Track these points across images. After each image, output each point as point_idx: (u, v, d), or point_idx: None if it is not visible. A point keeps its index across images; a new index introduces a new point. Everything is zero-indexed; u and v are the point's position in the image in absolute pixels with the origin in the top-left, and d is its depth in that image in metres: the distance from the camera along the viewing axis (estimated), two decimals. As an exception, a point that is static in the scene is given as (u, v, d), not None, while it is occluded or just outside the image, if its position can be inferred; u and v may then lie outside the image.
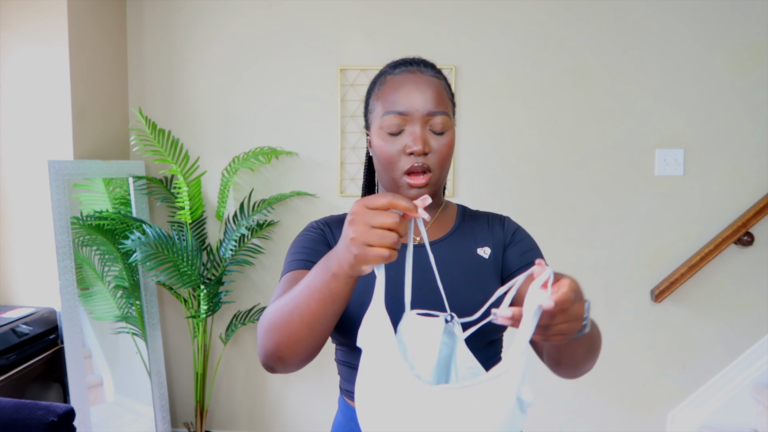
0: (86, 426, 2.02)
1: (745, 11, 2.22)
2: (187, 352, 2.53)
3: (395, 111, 0.90)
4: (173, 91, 2.46)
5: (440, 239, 0.97)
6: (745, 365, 2.30)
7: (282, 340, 0.78)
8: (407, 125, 0.90)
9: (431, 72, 0.94)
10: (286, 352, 0.78)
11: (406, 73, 0.93)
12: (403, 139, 0.90)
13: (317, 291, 0.74)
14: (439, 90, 0.93)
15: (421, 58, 0.97)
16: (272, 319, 0.79)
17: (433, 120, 0.90)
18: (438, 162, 0.91)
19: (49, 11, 2.10)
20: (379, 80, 0.96)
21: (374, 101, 0.96)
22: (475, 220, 1.02)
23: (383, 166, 0.93)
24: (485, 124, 2.35)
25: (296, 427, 2.54)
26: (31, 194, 2.14)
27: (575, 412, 2.42)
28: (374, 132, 0.94)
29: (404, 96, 0.90)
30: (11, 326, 1.94)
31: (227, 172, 2.31)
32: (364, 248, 0.66)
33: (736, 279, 2.29)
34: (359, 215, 0.67)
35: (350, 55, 2.37)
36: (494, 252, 0.97)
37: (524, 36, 2.32)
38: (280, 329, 0.77)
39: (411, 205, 0.67)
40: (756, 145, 2.25)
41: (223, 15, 2.41)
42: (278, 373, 0.84)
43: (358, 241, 0.66)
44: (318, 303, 0.74)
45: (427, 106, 0.90)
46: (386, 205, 0.66)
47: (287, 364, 0.80)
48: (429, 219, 0.69)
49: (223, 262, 2.30)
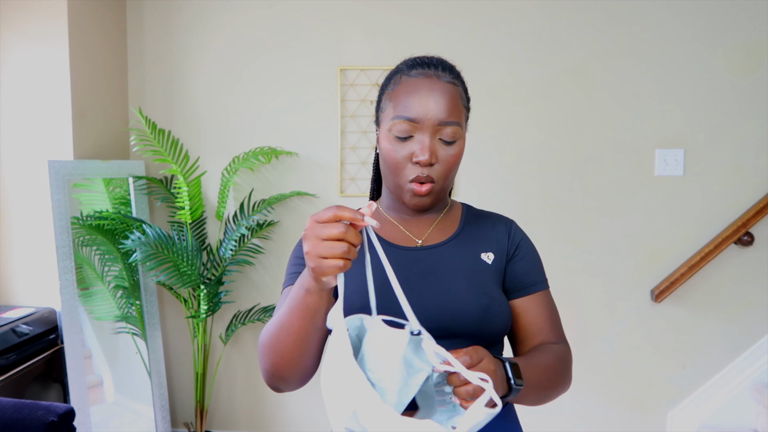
0: (86, 426, 2.02)
1: (745, 11, 2.22)
2: (187, 352, 2.53)
3: (406, 117, 0.88)
4: (173, 91, 2.46)
5: (444, 242, 0.96)
6: (745, 365, 2.30)
7: (276, 359, 0.81)
8: (417, 133, 0.89)
9: (448, 77, 0.91)
10: (283, 371, 0.81)
11: (422, 77, 0.90)
12: (412, 145, 0.89)
13: (296, 308, 0.76)
14: (454, 98, 0.90)
15: (441, 59, 0.94)
16: (264, 340, 0.83)
17: (444, 130, 0.88)
18: (443, 172, 0.90)
19: (49, 11, 2.10)
20: (394, 78, 0.94)
21: (386, 100, 0.94)
22: (479, 223, 1.00)
23: (389, 170, 0.92)
24: (485, 124, 2.35)
25: (296, 427, 2.54)
26: (31, 194, 2.14)
27: (575, 413, 2.42)
28: (383, 133, 0.92)
29: (417, 103, 0.88)
30: (11, 326, 1.94)
31: (227, 172, 2.31)
32: (319, 261, 0.69)
33: (736, 279, 2.29)
34: (310, 230, 0.70)
35: (350, 55, 2.37)
36: (497, 258, 0.96)
37: (524, 36, 2.32)
38: (273, 349, 0.81)
39: (356, 215, 0.69)
40: (756, 145, 2.25)
41: (223, 15, 2.41)
42: (285, 391, 0.86)
43: (312, 254, 0.69)
44: (299, 319, 0.76)
45: (439, 115, 0.87)
46: (332, 218, 0.69)
47: (288, 381, 0.83)
48: (377, 225, 0.71)
49: (223, 262, 2.30)
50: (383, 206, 1.01)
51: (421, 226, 0.98)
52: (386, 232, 0.97)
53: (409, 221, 0.98)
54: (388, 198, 1.00)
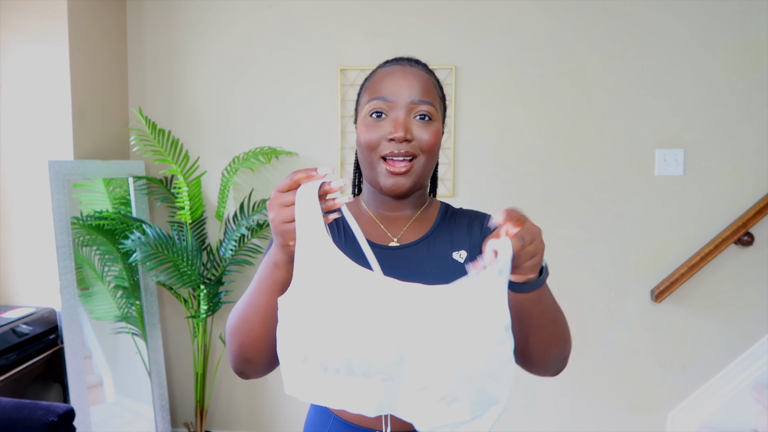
0: (86, 426, 2.02)
1: (745, 11, 2.22)
2: (187, 352, 2.53)
3: (379, 97, 0.88)
4: (173, 91, 2.46)
5: (416, 241, 0.93)
6: (745, 365, 2.30)
7: (243, 339, 0.80)
8: (391, 112, 0.88)
9: (421, 68, 0.93)
10: (250, 352, 0.80)
11: (396, 65, 0.92)
12: (386, 125, 0.88)
13: (263, 282, 0.77)
14: (428, 83, 0.90)
15: (415, 58, 0.96)
16: (232, 321, 0.82)
17: (419, 108, 0.88)
18: (422, 149, 0.88)
19: (49, 11, 2.10)
20: (369, 76, 0.96)
21: (363, 94, 0.95)
22: (454, 221, 0.97)
23: (363, 153, 0.90)
24: (485, 124, 2.35)
25: (296, 427, 2.54)
26: (32, 194, 2.14)
27: (575, 413, 2.42)
28: (360, 122, 0.92)
29: (390, 83, 0.89)
30: (11, 326, 1.94)
31: (227, 172, 2.31)
32: (283, 226, 0.71)
33: (736, 279, 2.29)
34: (273, 200, 0.72)
35: (350, 55, 2.37)
36: (471, 254, 0.92)
37: (524, 36, 2.32)
38: (240, 329, 0.80)
39: (309, 172, 0.70)
40: (756, 145, 2.25)
41: (223, 15, 2.41)
42: (250, 378, 0.85)
43: (276, 221, 0.71)
44: (266, 294, 0.77)
45: (413, 94, 0.88)
46: (291, 183, 0.70)
47: (255, 364, 0.82)
48: (332, 175, 0.71)
49: (223, 262, 2.29)
50: (364, 201, 0.99)
51: (398, 224, 0.96)
52: (364, 229, 0.94)
53: (388, 218, 0.96)
54: (368, 192, 0.98)
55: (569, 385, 2.39)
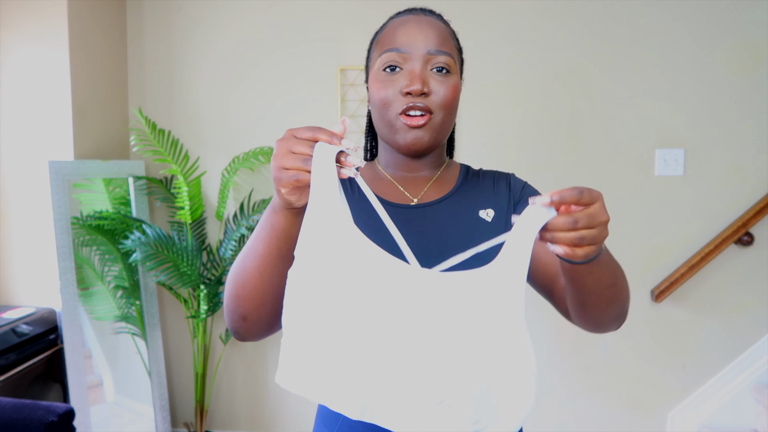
0: (86, 426, 2.02)
1: (745, 11, 2.22)
2: (187, 352, 2.53)
3: (393, 48, 0.83)
4: (173, 91, 2.46)
5: (439, 200, 0.89)
6: (745, 365, 2.30)
7: (238, 291, 0.76)
8: (406, 64, 0.82)
9: (437, 18, 0.87)
10: (246, 307, 0.76)
11: (410, 15, 0.86)
12: (401, 79, 0.82)
13: (262, 229, 0.74)
14: (444, 33, 0.85)
15: (429, 8, 0.89)
16: (230, 272, 0.78)
17: (436, 59, 0.82)
18: (440, 105, 0.82)
19: (49, 11, 2.10)
20: (381, 28, 0.90)
21: (374, 49, 0.89)
22: (478, 181, 0.93)
23: (378, 111, 0.84)
24: (485, 124, 2.35)
25: (296, 427, 2.54)
26: (32, 194, 2.14)
27: (575, 412, 2.42)
28: (372, 77, 0.86)
29: (404, 34, 0.83)
30: (11, 326, 1.94)
31: (227, 172, 2.31)
32: (281, 171, 0.67)
33: (736, 279, 2.29)
34: (284, 141, 0.68)
35: (350, 55, 2.37)
36: (498, 214, 0.88)
37: (524, 37, 2.32)
38: (236, 280, 0.76)
39: (333, 139, 0.66)
40: (756, 145, 2.25)
41: (223, 15, 2.41)
42: (247, 340, 0.81)
43: (276, 163, 0.67)
44: (263, 242, 0.73)
45: (429, 44, 0.82)
46: (311, 137, 0.67)
47: (249, 322, 0.77)
48: (354, 153, 0.67)
49: (223, 262, 2.30)
50: (380, 164, 0.95)
51: (417, 184, 0.91)
52: (381, 190, 0.90)
53: (406, 179, 0.92)
54: (385, 152, 0.93)
55: (569, 385, 2.39)
